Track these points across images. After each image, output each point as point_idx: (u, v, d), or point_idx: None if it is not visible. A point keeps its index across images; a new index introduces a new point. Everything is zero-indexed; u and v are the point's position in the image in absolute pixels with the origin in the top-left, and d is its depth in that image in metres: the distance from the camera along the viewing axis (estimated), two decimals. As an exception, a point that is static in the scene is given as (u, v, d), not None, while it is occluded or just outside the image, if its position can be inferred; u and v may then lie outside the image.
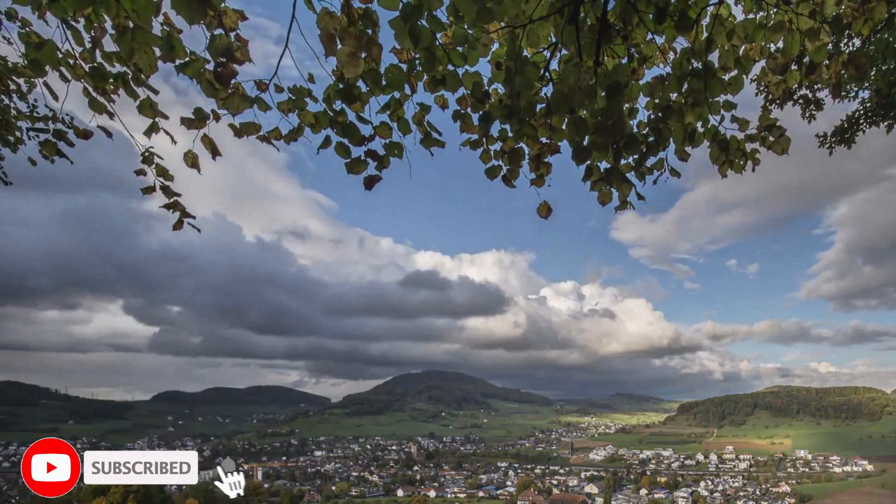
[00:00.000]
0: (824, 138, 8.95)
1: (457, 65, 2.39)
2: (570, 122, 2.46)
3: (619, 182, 2.73)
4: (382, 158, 2.64)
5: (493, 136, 2.73)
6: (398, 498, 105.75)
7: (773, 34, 2.51)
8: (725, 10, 2.54)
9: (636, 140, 2.62)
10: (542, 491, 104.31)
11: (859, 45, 6.49)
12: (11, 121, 3.48)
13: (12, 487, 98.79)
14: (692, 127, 2.67)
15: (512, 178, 2.80)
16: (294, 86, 2.48)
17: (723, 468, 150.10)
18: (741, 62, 2.57)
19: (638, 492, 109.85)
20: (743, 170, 2.82)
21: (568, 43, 2.36)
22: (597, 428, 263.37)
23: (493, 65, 2.51)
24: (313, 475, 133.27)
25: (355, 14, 2.14)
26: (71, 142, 3.26)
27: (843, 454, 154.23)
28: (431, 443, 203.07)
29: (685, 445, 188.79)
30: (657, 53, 2.72)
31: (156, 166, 2.92)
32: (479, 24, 2.21)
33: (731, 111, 2.71)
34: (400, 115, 2.59)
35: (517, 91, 2.38)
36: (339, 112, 2.51)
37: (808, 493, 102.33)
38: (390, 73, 2.34)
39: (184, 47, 2.29)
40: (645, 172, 2.84)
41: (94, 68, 2.56)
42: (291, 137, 2.56)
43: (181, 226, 2.96)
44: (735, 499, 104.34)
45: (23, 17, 2.82)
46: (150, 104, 2.62)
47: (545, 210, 2.89)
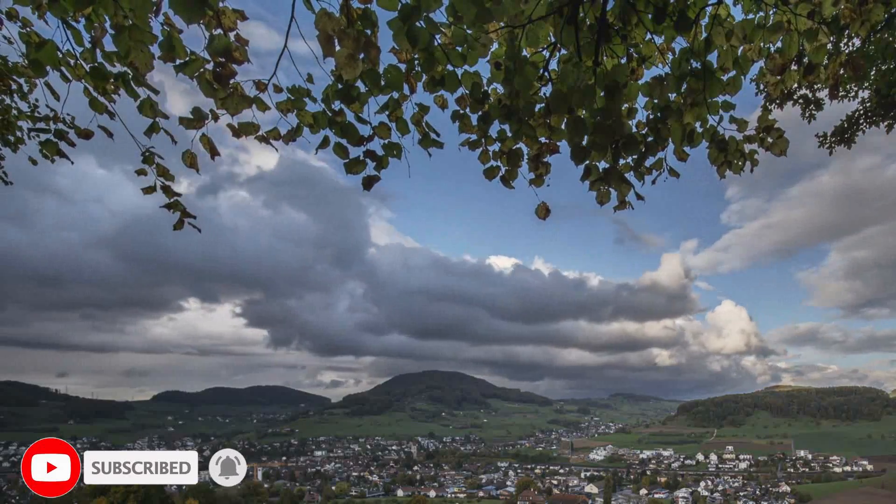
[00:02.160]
0: (824, 138, 8.96)
1: (456, 65, 2.39)
2: (569, 122, 2.46)
3: (617, 182, 2.73)
4: (381, 159, 2.64)
5: (491, 137, 2.73)
6: (398, 498, 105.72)
7: (771, 34, 2.51)
8: (724, 11, 2.54)
9: (635, 140, 2.62)
10: (542, 491, 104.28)
11: (859, 45, 6.49)
12: (12, 121, 3.48)
13: (12, 487, 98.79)
14: (691, 127, 2.68)
15: (511, 178, 2.80)
16: (293, 86, 2.48)
17: (723, 468, 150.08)
18: (740, 62, 2.57)
19: (638, 492, 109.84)
20: (741, 170, 2.82)
21: (567, 43, 2.36)
22: (597, 428, 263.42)
23: (492, 65, 2.51)
24: (313, 475, 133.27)
25: (354, 14, 2.15)
26: (72, 142, 3.26)
27: (843, 454, 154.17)
28: (431, 443, 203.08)
29: (685, 445, 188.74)
30: (656, 53, 2.72)
31: (156, 166, 2.93)
32: (477, 25, 2.21)
33: (730, 111, 2.72)
34: (399, 116, 2.59)
35: (516, 91, 2.38)
36: (338, 112, 2.51)
37: (807, 493, 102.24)
38: (389, 73, 2.34)
39: (183, 47, 2.30)
40: (644, 172, 2.84)
41: (95, 68, 2.56)
42: (290, 137, 2.57)
43: (182, 226, 2.96)
44: (735, 499, 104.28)
45: (23, 17, 2.83)
46: (150, 104, 2.62)
47: (543, 211, 2.89)
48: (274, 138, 2.56)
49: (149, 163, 2.90)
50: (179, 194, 2.97)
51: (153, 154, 2.89)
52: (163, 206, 2.95)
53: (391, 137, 2.62)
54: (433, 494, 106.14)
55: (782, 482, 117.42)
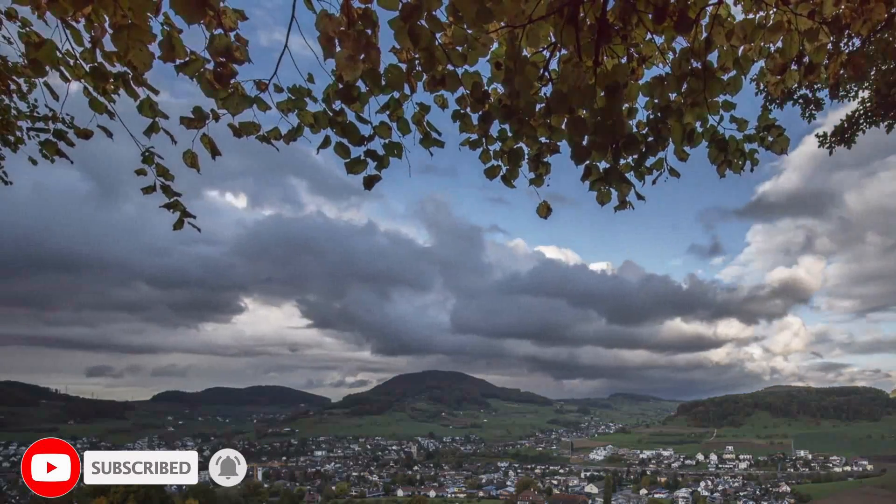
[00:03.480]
0: (824, 138, 8.96)
1: (456, 65, 2.39)
2: (569, 122, 2.46)
3: (618, 182, 2.73)
4: (382, 158, 2.64)
5: (492, 136, 2.74)
6: (398, 498, 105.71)
7: (771, 34, 2.51)
8: (724, 11, 2.54)
9: (635, 140, 2.62)
10: (542, 491, 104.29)
11: (859, 45, 6.49)
12: (12, 121, 3.48)
13: (12, 487, 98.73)
14: (691, 127, 2.68)
15: (511, 178, 2.81)
16: (293, 85, 2.48)
17: (723, 468, 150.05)
18: (740, 62, 2.57)
19: (638, 492, 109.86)
20: (742, 170, 2.82)
21: (567, 43, 2.36)
22: (597, 428, 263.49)
23: (493, 65, 2.51)
24: (313, 475, 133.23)
25: (355, 14, 2.14)
26: (71, 142, 3.26)
27: (843, 454, 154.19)
28: (431, 443, 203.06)
29: (685, 445, 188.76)
30: (656, 53, 2.72)
31: (156, 166, 2.93)
32: (478, 24, 2.21)
33: (731, 111, 2.72)
34: (399, 115, 2.59)
35: (516, 91, 2.38)
36: (339, 112, 2.51)
37: (808, 493, 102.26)
38: (390, 73, 2.34)
39: (183, 47, 2.29)
40: (644, 172, 2.84)
41: (94, 68, 2.56)
42: (291, 137, 2.57)
43: (181, 226, 2.96)
44: (735, 499, 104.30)
45: (23, 16, 2.83)
46: (149, 104, 2.62)
47: (545, 210, 2.89)
48: (275, 138, 2.56)
49: (148, 162, 2.90)
50: (179, 194, 2.97)
51: (153, 154, 2.89)
52: (162, 206, 2.95)
53: (392, 137, 2.62)
54: (433, 494, 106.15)
55: (782, 482, 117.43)
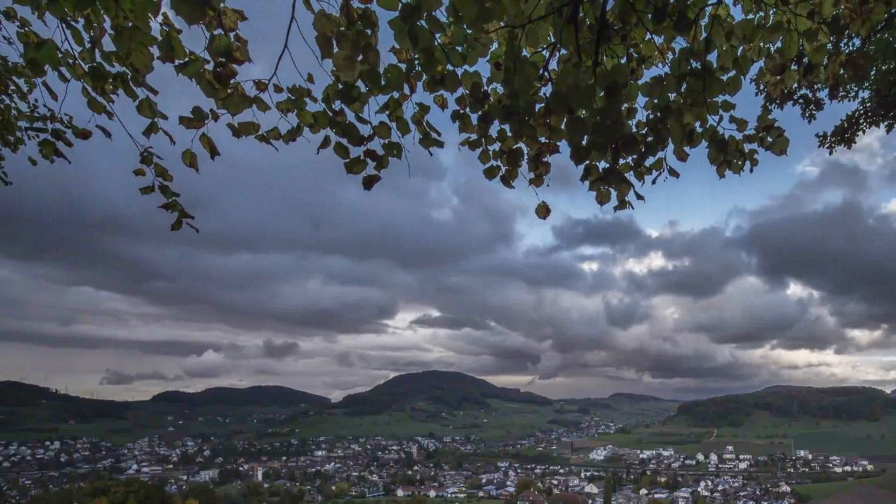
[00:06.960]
0: (824, 138, 8.96)
1: (456, 65, 2.39)
2: (568, 121, 2.46)
3: (617, 182, 2.73)
4: (381, 158, 2.64)
5: (491, 136, 2.73)
6: (398, 498, 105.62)
7: (771, 34, 2.51)
8: (724, 11, 2.54)
9: (635, 140, 2.62)
10: (542, 491, 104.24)
11: (859, 45, 6.49)
12: (11, 121, 3.48)
13: (12, 487, 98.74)
14: (690, 127, 2.67)
15: (511, 178, 2.81)
16: (293, 85, 2.48)
17: (723, 468, 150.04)
18: (740, 62, 2.57)
19: (638, 492, 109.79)
20: (741, 170, 2.82)
21: (567, 43, 2.36)
22: (597, 428, 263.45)
23: (492, 65, 2.51)
24: (313, 475, 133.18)
25: (354, 14, 2.14)
26: (69, 142, 3.26)
27: (843, 454, 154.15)
28: (431, 443, 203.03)
29: (685, 445, 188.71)
30: (656, 53, 2.72)
31: (155, 166, 2.92)
32: (477, 24, 2.21)
33: (730, 111, 2.71)
34: (399, 115, 2.59)
35: (516, 91, 2.38)
36: (338, 112, 2.51)
37: (807, 493, 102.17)
38: (389, 73, 2.34)
39: (183, 47, 2.29)
40: (643, 172, 2.84)
41: (94, 68, 2.56)
42: (290, 137, 2.57)
43: (180, 226, 2.96)
44: (735, 499, 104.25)
45: (22, 16, 2.82)
46: (149, 104, 2.62)
47: (543, 211, 2.89)
48: (274, 138, 2.56)
49: (147, 163, 2.90)
50: (178, 194, 2.97)
51: (151, 154, 2.89)
52: (161, 206, 2.95)
53: (391, 137, 2.62)
54: (433, 494, 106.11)
55: (782, 482, 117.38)
